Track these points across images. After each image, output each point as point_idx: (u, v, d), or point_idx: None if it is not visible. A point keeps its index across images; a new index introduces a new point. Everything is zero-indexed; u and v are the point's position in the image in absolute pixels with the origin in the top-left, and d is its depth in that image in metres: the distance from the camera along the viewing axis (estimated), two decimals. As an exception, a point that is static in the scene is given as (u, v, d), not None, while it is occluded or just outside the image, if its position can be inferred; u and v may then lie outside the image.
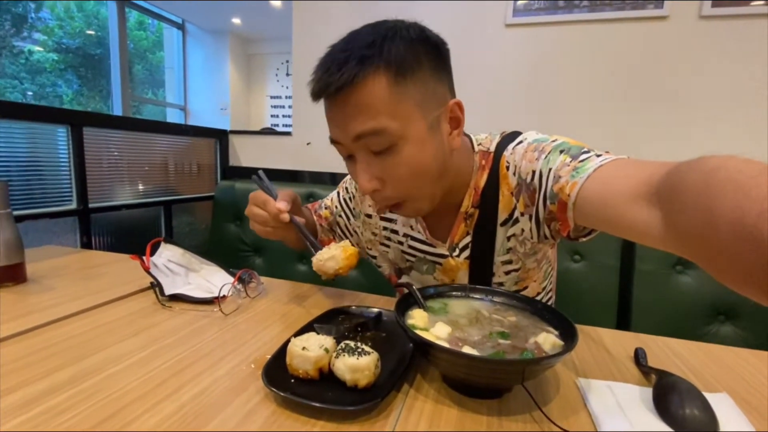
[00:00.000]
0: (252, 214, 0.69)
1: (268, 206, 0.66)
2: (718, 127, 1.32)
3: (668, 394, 0.44)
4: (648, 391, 0.47)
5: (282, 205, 0.65)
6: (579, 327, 0.65)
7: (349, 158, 0.60)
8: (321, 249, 0.64)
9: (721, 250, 0.29)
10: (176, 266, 0.77)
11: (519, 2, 1.42)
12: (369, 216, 0.81)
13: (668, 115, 1.36)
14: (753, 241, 0.26)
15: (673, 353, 0.59)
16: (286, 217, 0.65)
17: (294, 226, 0.68)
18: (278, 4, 4.06)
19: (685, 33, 1.30)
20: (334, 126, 0.58)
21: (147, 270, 0.70)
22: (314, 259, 0.64)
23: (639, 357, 0.55)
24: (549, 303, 0.81)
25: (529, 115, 1.50)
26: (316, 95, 0.56)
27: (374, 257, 0.84)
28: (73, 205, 1.27)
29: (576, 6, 1.36)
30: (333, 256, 0.62)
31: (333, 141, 0.60)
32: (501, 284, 0.71)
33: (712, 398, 0.44)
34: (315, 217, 0.88)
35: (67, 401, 0.41)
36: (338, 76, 0.51)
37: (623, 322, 1.25)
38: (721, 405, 0.45)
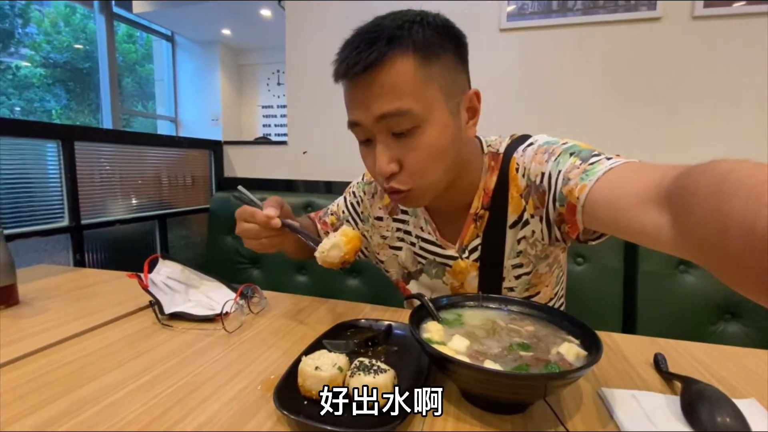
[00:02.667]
0: (243, 230, 0.64)
1: (257, 217, 0.62)
2: (712, 126, 1.33)
3: (697, 402, 0.43)
4: (674, 399, 0.46)
5: (270, 211, 0.62)
6: (594, 333, 0.64)
7: (366, 142, 0.59)
8: (320, 242, 0.62)
9: (731, 256, 0.28)
10: (176, 283, 0.74)
11: (511, 7, 1.42)
12: (379, 219, 0.79)
13: (663, 116, 1.37)
14: (764, 247, 0.25)
15: (692, 357, 0.58)
16: (277, 222, 0.62)
17: (289, 231, 0.65)
18: (268, 14, 4.05)
19: (678, 33, 1.31)
20: (355, 107, 0.56)
21: (145, 288, 0.68)
22: (317, 254, 0.60)
23: (659, 363, 0.54)
24: (560, 309, 0.79)
25: (524, 119, 1.50)
26: (341, 74, 0.55)
27: (382, 261, 0.82)
28: (65, 222, 1.24)
29: (569, 9, 1.37)
30: (335, 244, 0.59)
31: (352, 124, 0.58)
32: (511, 289, 0.69)
33: (741, 404, 0.43)
34: (320, 225, 0.86)
35: (64, 436, 0.38)
36: (367, 54, 0.51)
37: (629, 324, 1.24)
38: (751, 411, 0.44)
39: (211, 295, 0.74)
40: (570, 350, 0.44)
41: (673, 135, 1.37)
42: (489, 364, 0.42)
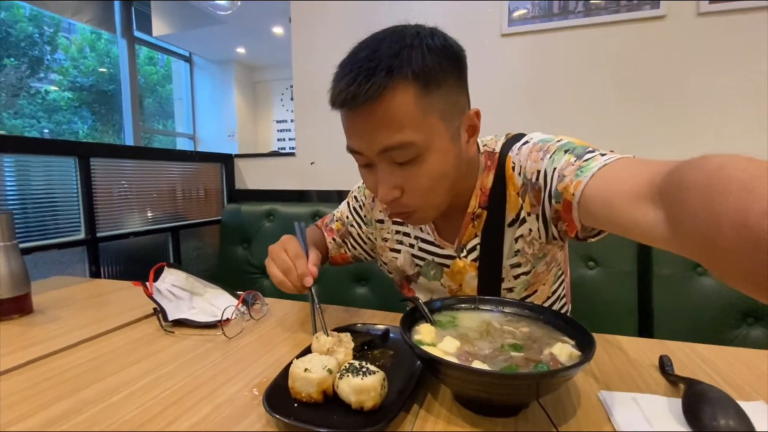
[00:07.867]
0: (279, 258, 0.63)
1: (299, 263, 0.62)
2: (720, 124, 1.29)
3: (699, 404, 0.41)
4: (677, 402, 0.44)
5: (313, 269, 0.63)
6: (597, 335, 0.62)
7: (367, 166, 0.59)
8: (326, 334, 0.55)
9: (724, 251, 0.29)
10: (180, 291, 0.76)
11: (512, 11, 1.42)
12: (381, 221, 0.80)
13: (669, 116, 1.34)
14: (757, 241, 0.26)
15: (701, 359, 0.56)
16: (309, 281, 0.62)
17: (308, 295, 0.64)
18: (280, 31, 4.17)
19: (683, 31, 1.29)
20: (355, 136, 0.56)
21: (150, 296, 0.69)
22: (317, 338, 0.53)
23: (665, 365, 0.52)
24: (564, 311, 0.78)
25: (529, 123, 1.49)
26: (340, 105, 0.53)
27: (385, 263, 0.83)
28: (82, 235, 1.28)
29: (571, 12, 1.36)
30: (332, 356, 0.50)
31: (352, 150, 0.58)
32: (510, 290, 0.69)
33: (747, 407, 0.41)
34: (326, 232, 0.87)
35: (62, 435, 0.40)
36: (367, 87, 0.49)
37: (645, 330, 1.20)
38: (758, 413, 0.42)
39: (215, 302, 0.76)
40: (563, 350, 0.43)
41: (681, 134, 1.33)
42: (477, 365, 0.41)
